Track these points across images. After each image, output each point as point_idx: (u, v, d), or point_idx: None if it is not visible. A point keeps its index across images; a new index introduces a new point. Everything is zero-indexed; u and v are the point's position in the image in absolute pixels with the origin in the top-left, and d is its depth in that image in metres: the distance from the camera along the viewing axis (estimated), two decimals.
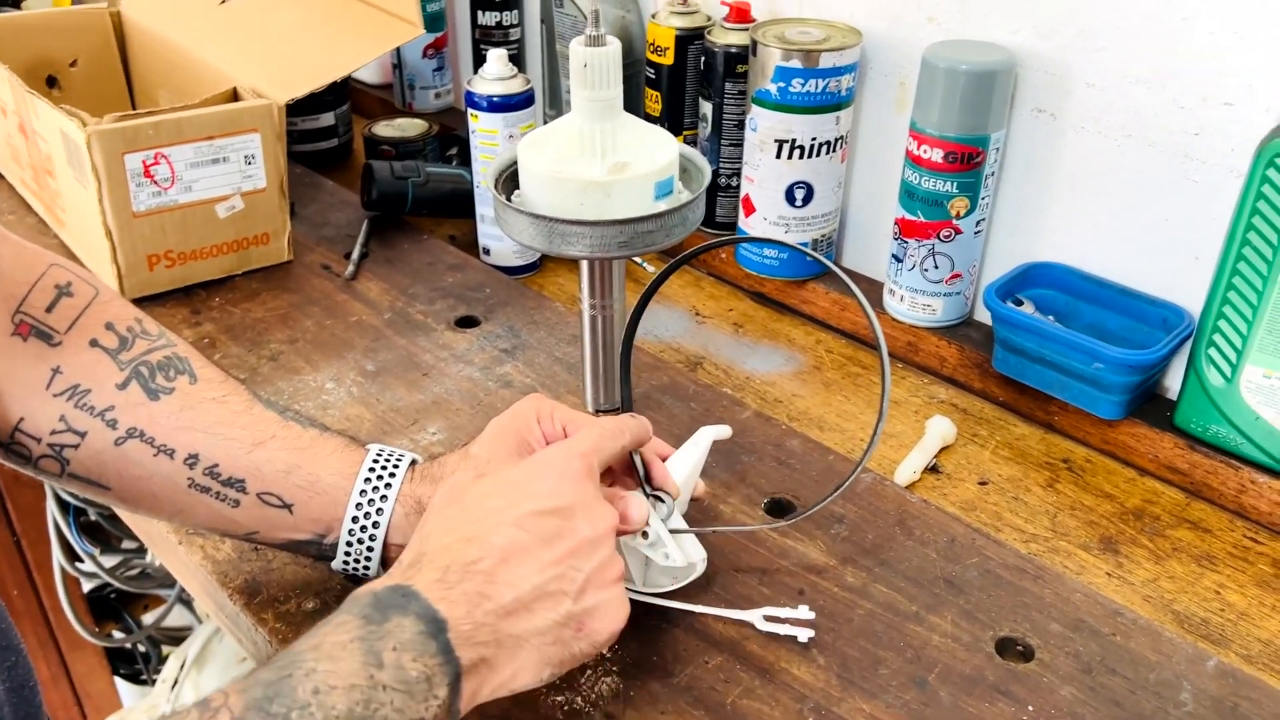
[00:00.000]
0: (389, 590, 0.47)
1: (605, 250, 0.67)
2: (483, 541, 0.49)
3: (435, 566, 0.48)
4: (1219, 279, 0.73)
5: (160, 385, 0.57)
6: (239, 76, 0.98)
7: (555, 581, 0.50)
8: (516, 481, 0.53)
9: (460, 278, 0.98)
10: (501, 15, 1.23)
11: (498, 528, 0.50)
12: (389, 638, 0.44)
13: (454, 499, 0.53)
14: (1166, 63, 0.76)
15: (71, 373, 0.56)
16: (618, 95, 0.68)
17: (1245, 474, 0.75)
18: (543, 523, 0.51)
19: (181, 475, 0.57)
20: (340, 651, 0.43)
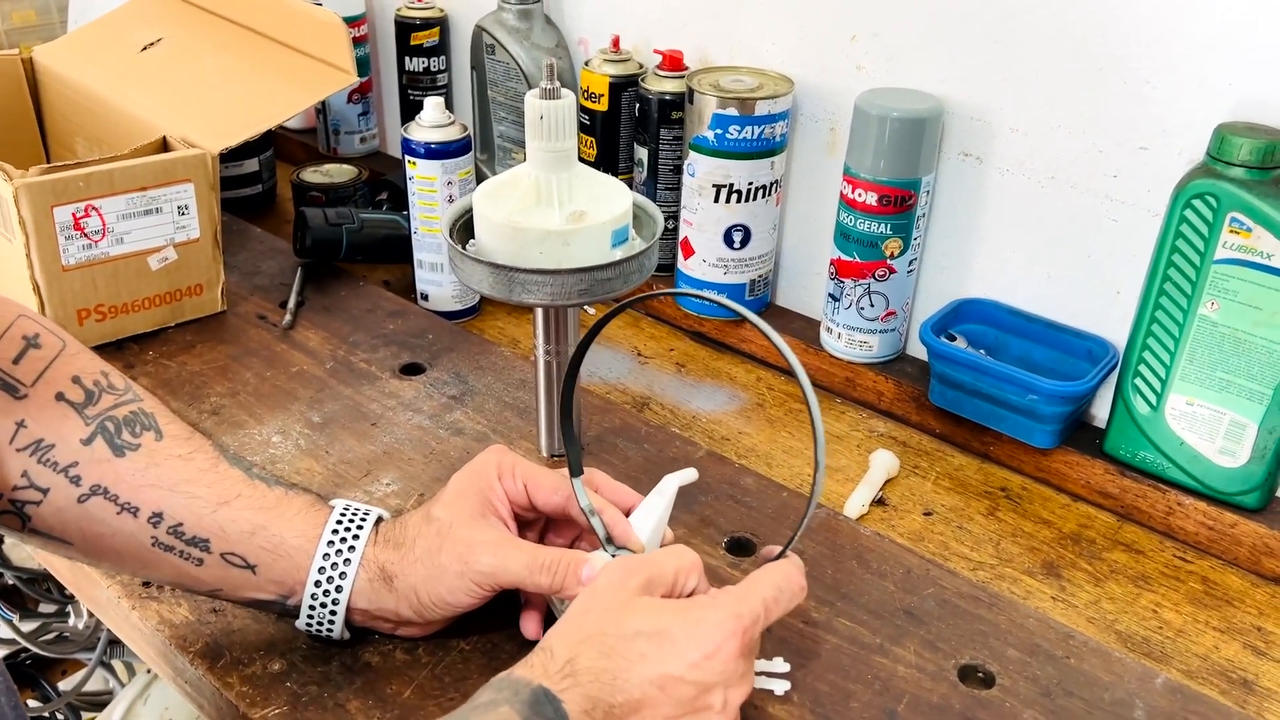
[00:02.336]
0: (544, 696, 0.50)
1: (565, 298, 0.68)
2: (626, 688, 0.51)
3: (584, 696, 0.50)
4: (1142, 312, 0.77)
5: (126, 441, 0.56)
6: (165, 125, 0.96)
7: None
8: (674, 636, 0.52)
9: (401, 324, 0.97)
10: (429, 61, 1.23)
11: (642, 679, 0.51)
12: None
13: (614, 610, 0.53)
14: (1085, 109, 0.80)
15: (36, 427, 0.54)
16: (573, 146, 0.69)
17: (1172, 496, 0.79)
18: (682, 690, 0.52)
19: (145, 534, 0.56)
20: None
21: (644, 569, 0.55)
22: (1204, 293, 0.73)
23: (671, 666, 0.52)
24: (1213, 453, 0.76)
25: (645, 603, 0.54)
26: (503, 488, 0.62)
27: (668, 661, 0.52)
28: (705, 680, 0.52)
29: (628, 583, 0.54)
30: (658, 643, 0.52)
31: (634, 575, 0.55)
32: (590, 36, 1.12)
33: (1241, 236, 0.70)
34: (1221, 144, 0.70)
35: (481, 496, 0.61)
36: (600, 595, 0.54)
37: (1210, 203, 0.71)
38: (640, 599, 0.54)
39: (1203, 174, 0.71)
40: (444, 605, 0.59)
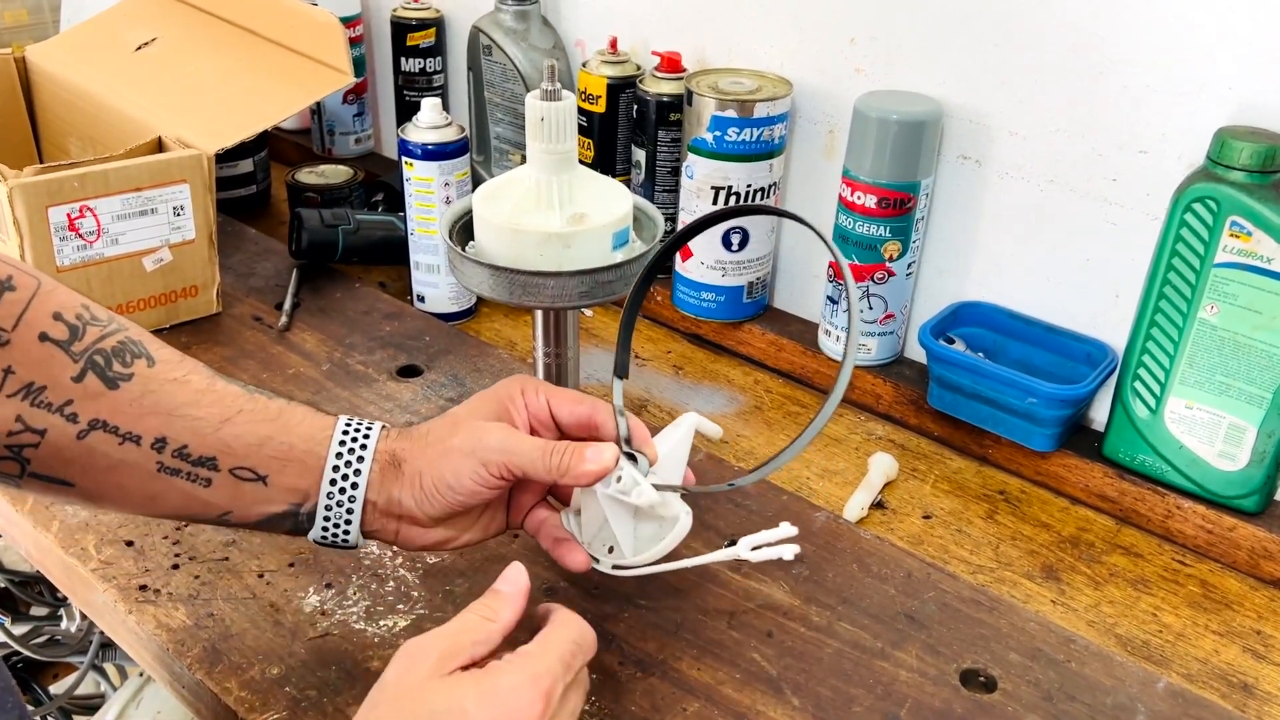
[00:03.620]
0: None
1: (566, 300, 0.68)
2: None
3: None
4: (1141, 316, 0.77)
5: (118, 372, 0.55)
6: (160, 125, 0.95)
7: None
8: (469, 712, 0.48)
9: (397, 326, 0.97)
10: (425, 62, 1.23)
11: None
12: None
13: (405, 697, 0.49)
14: (1084, 113, 0.80)
15: (24, 371, 0.53)
16: (573, 148, 0.69)
17: (1171, 500, 0.79)
18: None
19: (150, 460, 0.55)
20: None
21: (435, 645, 0.51)
22: (1204, 296, 0.73)
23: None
24: (1212, 456, 0.76)
25: (437, 683, 0.49)
26: (524, 400, 0.62)
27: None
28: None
29: (417, 666, 0.50)
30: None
31: (423, 659, 0.50)
32: (587, 38, 1.12)
33: (1242, 240, 0.70)
34: (1222, 148, 0.70)
35: (500, 404, 0.61)
36: (387, 688, 0.50)
37: (1210, 206, 0.71)
38: (432, 680, 0.50)
39: (1203, 178, 0.71)
40: (446, 490, 0.58)
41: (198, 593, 0.66)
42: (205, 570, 0.68)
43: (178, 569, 0.68)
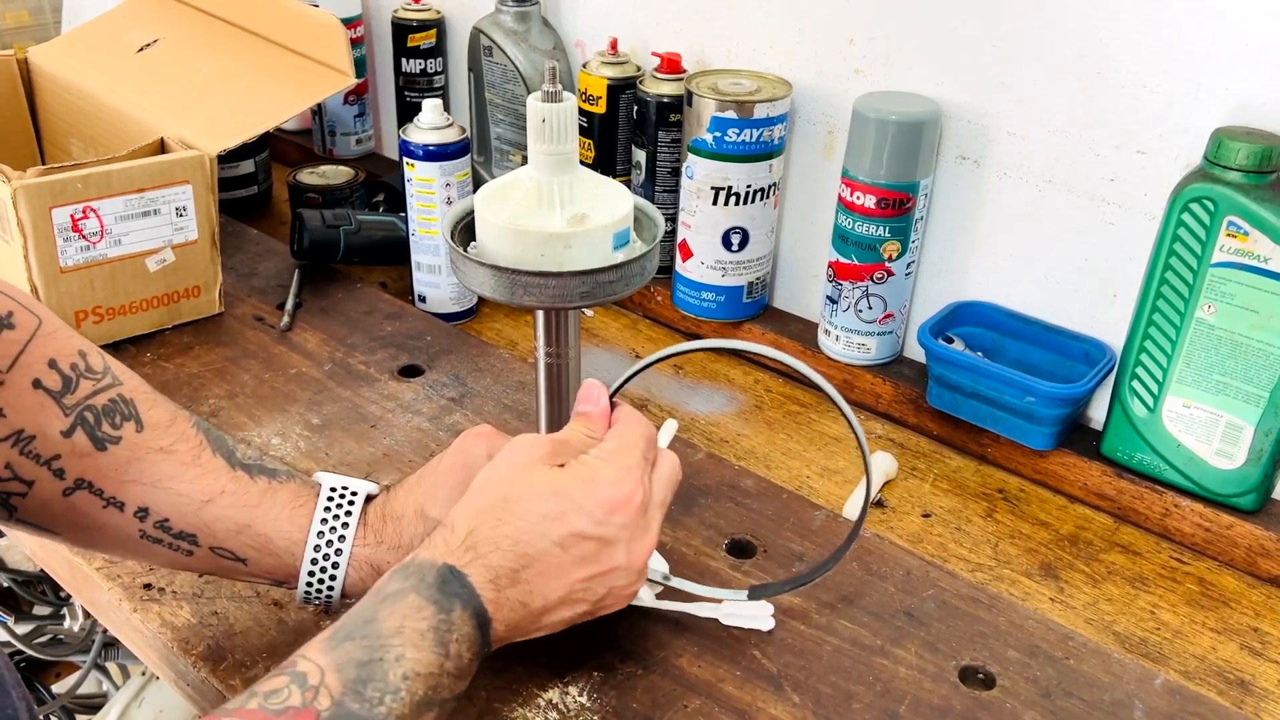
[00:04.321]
0: (449, 573, 0.51)
1: (566, 300, 0.68)
2: (528, 551, 0.53)
3: (485, 565, 0.52)
4: (1139, 315, 0.77)
5: (106, 434, 0.55)
6: (162, 127, 0.95)
7: (580, 593, 0.54)
8: (571, 495, 0.54)
9: (399, 326, 0.97)
10: (426, 63, 1.23)
11: (544, 542, 0.53)
12: (455, 631, 0.49)
13: (511, 479, 0.54)
14: (1082, 114, 0.81)
15: (15, 417, 0.53)
16: (574, 149, 0.69)
17: (1169, 498, 0.79)
18: (584, 546, 0.53)
19: (133, 527, 0.56)
20: (421, 640, 0.48)
21: (548, 441, 0.57)
22: (1201, 296, 0.73)
23: (573, 524, 0.53)
24: (1209, 455, 0.77)
25: (542, 470, 0.55)
26: None
27: (569, 520, 0.53)
28: (606, 534, 0.54)
29: (530, 454, 0.55)
30: (557, 504, 0.53)
31: (537, 448, 0.56)
32: (588, 39, 1.12)
33: (1239, 240, 0.70)
34: (1219, 148, 0.70)
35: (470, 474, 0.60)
36: (499, 467, 0.55)
37: (1207, 206, 0.71)
38: (538, 467, 0.55)
39: (1200, 178, 0.72)
40: None
41: (201, 591, 0.66)
42: None
43: None
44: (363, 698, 0.45)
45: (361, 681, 0.45)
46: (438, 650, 0.48)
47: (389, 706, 0.45)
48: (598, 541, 0.54)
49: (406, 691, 0.46)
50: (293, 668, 0.46)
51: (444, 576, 0.51)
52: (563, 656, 0.62)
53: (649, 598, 0.66)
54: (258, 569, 0.59)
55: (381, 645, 0.47)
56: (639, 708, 0.60)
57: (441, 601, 0.50)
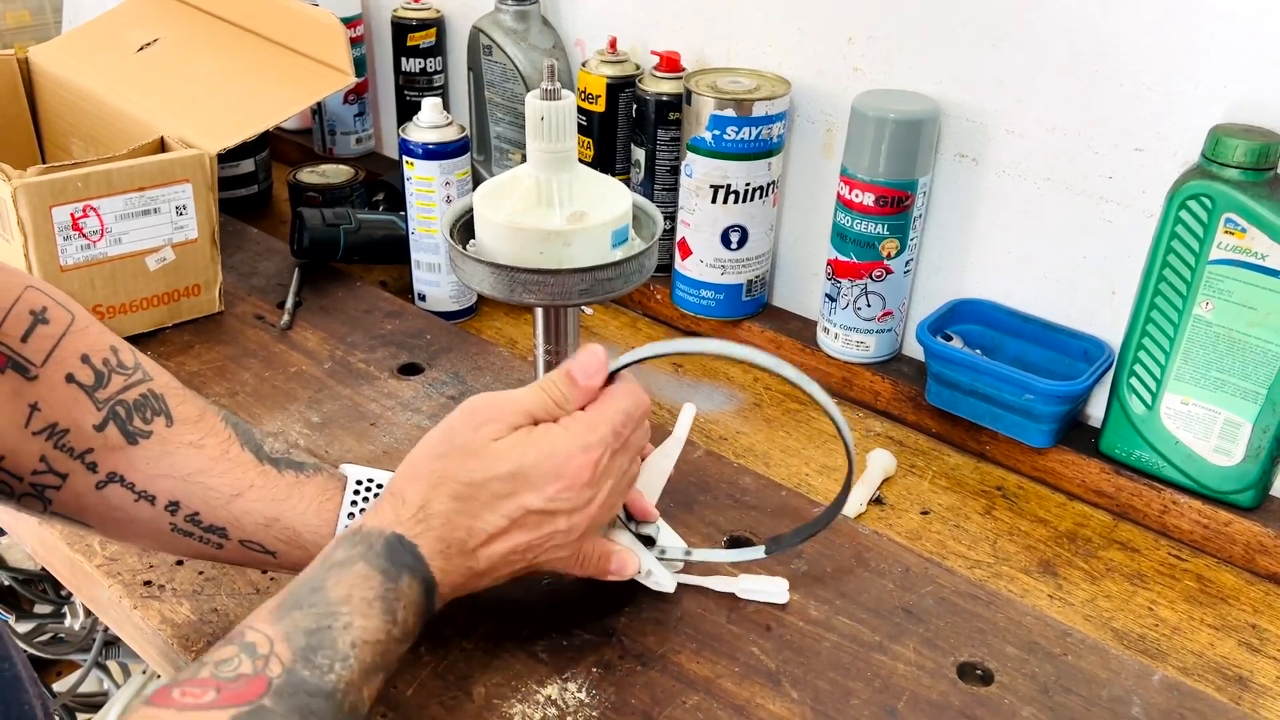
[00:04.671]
0: (398, 543, 0.52)
1: (565, 298, 0.68)
2: (479, 526, 0.54)
3: (437, 537, 0.53)
4: (1138, 313, 0.78)
5: (138, 428, 0.56)
6: (162, 126, 0.96)
7: (520, 556, 0.57)
8: (527, 475, 0.55)
9: (399, 324, 0.98)
10: (426, 62, 1.23)
11: (496, 516, 0.55)
12: (403, 599, 0.51)
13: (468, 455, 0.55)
14: (1080, 112, 0.81)
15: (49, 411, 0.54)
16: (573, 147, 0.69)
17: (1167, 495, 0.80)
18: (532, 519, 0.55)
19: (163, 520, 0.57)
20: (369, 609, 0.49)
21: (503, 411, 0.56)
22: (1199, 293, 0.74)
23: (525, 501, 0.55)
24: (1207, 451, 0.77)
25: (498, 446, 0.55)
26: None
27: (521, 498, 0.55)
28: (556, 509, 0.56)
29: (482, 426, 0.56)
30: (512, 484, 0.55)
31: (492, 417, 0.56)
32: (587, 38, 1.12)
33: (1236, 237, 0.71)
34: (1216, 145, 0.70)
35: None
36: (454, 437, 0.56)
37: (1205, 204, 0.71)
38: (492, 444, 0.55)
39: (1198, 175, 0.72)
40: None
41: (202, 588, 0.67)
42: (209, 566, 0.68)
43: (182, 564, 0.68)
44: (313, 665, 0.46)
45: (311, 649, 0.46)
46: (385, 618, 0.50)
47: (339, 673, 0.46)
48: (544, 515, 0.56)
49: (355, 659, 0.47)
50: (241, 638, 0.46)
51: (392, 545, 0.52)
52: (562, 652, 0.62)
53: (669, 583, 0.66)
54: (286, 561, 0.60)
55: (330, 613, 0.48)
56: (638, 704, 0.60)
57: (389, 570, 0.51)
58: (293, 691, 0.45)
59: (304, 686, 0.45)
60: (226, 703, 0.43)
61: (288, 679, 0.45)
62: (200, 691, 0.43)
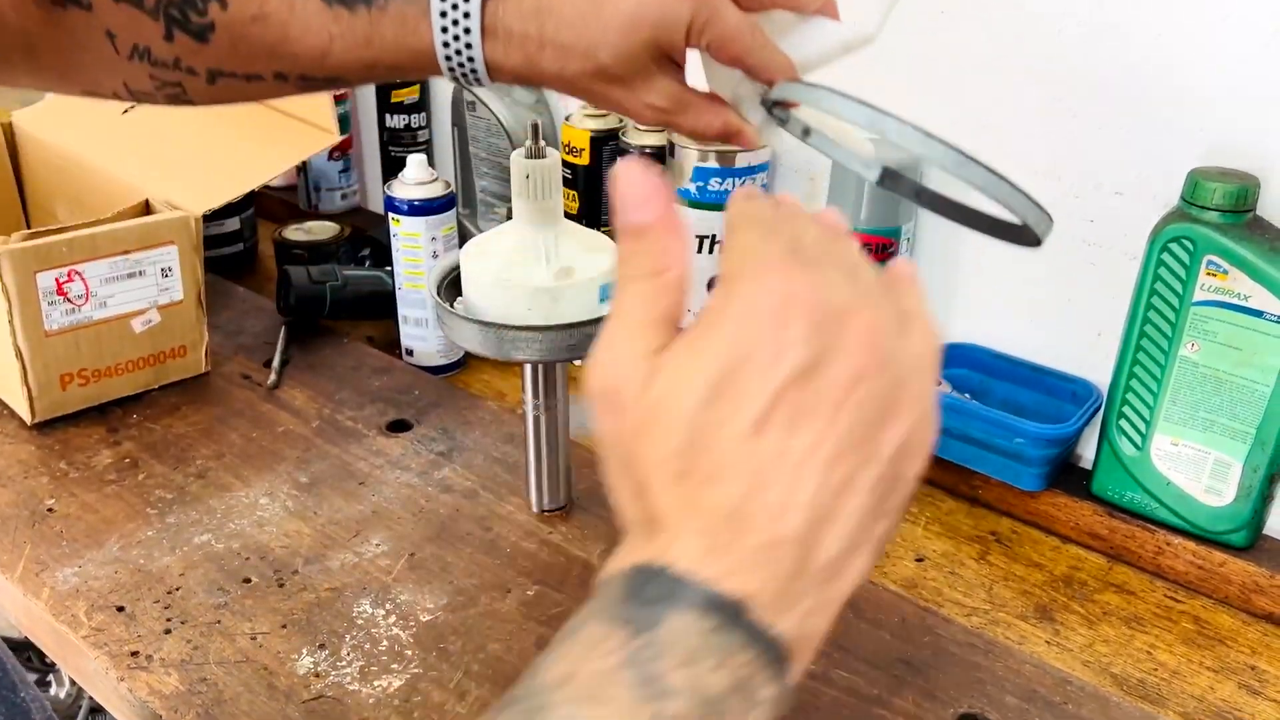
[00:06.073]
0: (643, 575, 0.33)
1: (554, 354, 0.68)
2: (729, 475, 0.33)
3: (690, 531, 0.33)
4: (1124, 354, 0.78)
5: (198, 24, 0.54)
6: (147, 187, 0.96)
7: (840, 463, 0.34)
8: (722, 362, 0.34)
9: (387, 381, 0.97)
10: (410, 118, 1.24)
11: (736, 448, 0.33)
12: (669, 653, 0.31)
13: (652, 415, 0.35)
14: (1060, 155, 0.82)
15: (125, 34, 0.53)
16: (558, 203, 0.70)
17: (1161, 536, 0.79)
18: (784, 410, 0.33)
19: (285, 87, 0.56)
20: (605, 685, 0.31)
21: (637, 330, 0.37)
22: (1184, 334, 0.74)
23: (751, 398, 0.33)
24: (1199, 492, 0.77)
25: (665, 379, 0.35)
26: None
27: (742, 397, 0.33)
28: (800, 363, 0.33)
29: (635, 360, 0.36)
30: (716, 388, 0.34)
31: (636, 345, 0.36)
32: None
33: (1218, 279, 0.71)
34: (1195, 189, 0.71)
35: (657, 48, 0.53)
36: (635, 414, 0.35)
37: (1186, 246, 0.72)
38: (655, 382, 0.35)
39: (1178, 218, 0.72)
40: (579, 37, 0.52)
41: (190, 657, 0.66)
42: (197, 634, 0.67)
43: (170, 634, 0.67)
44: None
45: None
46: (643, 692, 0.30)
47: None
48: (796, 386, 0.33)
49: None
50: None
51: (632, 580, 0.33)
52: None
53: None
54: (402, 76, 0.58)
55: (540, 707, 0.31)
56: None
57: (636, 615, 0.32)
58: None
59: None
60: None
61: None
62: None
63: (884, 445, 0.35)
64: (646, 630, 0.31)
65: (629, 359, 0.36)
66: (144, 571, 0.73)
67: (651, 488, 0.35)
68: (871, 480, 0.34)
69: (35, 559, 0.74)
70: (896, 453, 0.35)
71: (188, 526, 0.77)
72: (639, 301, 0.37)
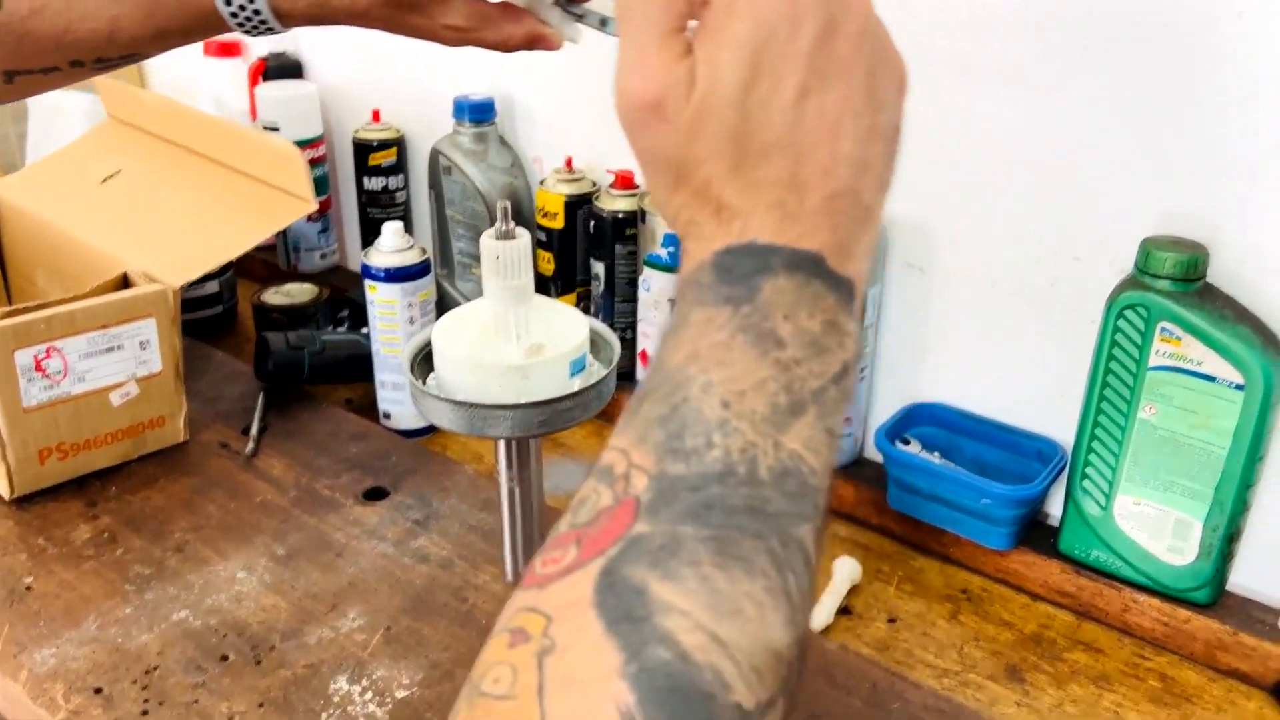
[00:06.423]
0: (729, 256, 0.37)
1: (526, 430, 0.69)
2: (780, 146, 0.37)
3: (761, 208, 0.37)
4: (1086, 416, 0.80)
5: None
6: (126, 258, 0.97)
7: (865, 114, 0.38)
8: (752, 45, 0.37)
9: (364, 446, 0.98)
10: (387, 180, 1.26)
11: (781, 119, 0.37)
12: (772, 312, 0.35)
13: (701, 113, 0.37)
14: (1019, 222, 0.84)
15: None
16: (529, 282, 0.71)
17: (1127, 594, 0.81)
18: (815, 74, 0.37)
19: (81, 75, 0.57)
20: (727, 353, 0.35)
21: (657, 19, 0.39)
22: (1142, 397, 0.76)
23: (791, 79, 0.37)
24: (1162, 551, 0.78)
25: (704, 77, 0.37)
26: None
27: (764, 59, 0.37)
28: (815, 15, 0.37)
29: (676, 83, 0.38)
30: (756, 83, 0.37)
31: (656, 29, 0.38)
32: (544, 154, 1.15)
33: (1172, 345, 0.73)
34: (1147, 258, 0.73)
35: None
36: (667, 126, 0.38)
37: (1141, 313, 0.74)
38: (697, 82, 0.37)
39: (1132, 286, 0.74)
40: None
41: None
42: (175, 715, 0.68)
43: (147, 715, 0.68)
44: (683, 453, 0.33)
45: (674, 436, 0.34)
46: (757, 348, 0.35)
47: (722, 444, 0.33)
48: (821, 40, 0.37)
49: (737, 415, 0.34)
50: (597, 465, 0.36)
51: (725, 266, 0.36)
52: None
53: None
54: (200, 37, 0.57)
55: (678, 384, 0.35)
56: None
57: (734, 294, 0.36)
58: (669, 499, 0.33)
59: (683, 484, 0.33)
60: (591, 553, 0.33)
61: (658, 487, 0.33)
62: (560, 553, 0.33)
63: (887, 92, 0.39)
64: (749, 300, 0.35)
65: (665, 67, 0.38)
66: (122, 651, 0.73)
67: (713, 181, 0.38)
68: (886, 127, 0.39)
69: (14, 639, 0.74)
70: (894, 98, 0.39)
71: (165, 603, 0.78)
72: (658, 10, 0.39)
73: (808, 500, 0.34)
